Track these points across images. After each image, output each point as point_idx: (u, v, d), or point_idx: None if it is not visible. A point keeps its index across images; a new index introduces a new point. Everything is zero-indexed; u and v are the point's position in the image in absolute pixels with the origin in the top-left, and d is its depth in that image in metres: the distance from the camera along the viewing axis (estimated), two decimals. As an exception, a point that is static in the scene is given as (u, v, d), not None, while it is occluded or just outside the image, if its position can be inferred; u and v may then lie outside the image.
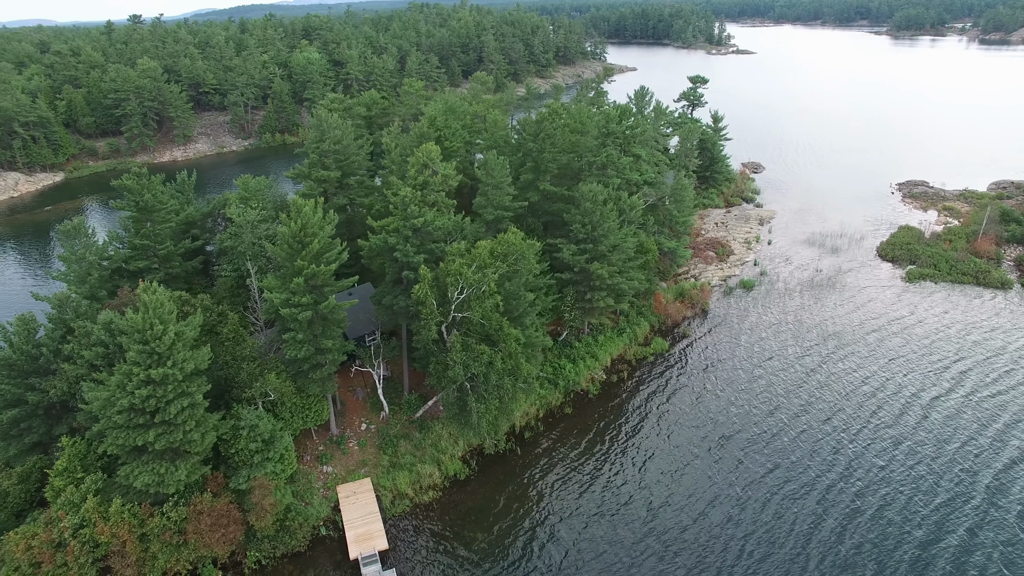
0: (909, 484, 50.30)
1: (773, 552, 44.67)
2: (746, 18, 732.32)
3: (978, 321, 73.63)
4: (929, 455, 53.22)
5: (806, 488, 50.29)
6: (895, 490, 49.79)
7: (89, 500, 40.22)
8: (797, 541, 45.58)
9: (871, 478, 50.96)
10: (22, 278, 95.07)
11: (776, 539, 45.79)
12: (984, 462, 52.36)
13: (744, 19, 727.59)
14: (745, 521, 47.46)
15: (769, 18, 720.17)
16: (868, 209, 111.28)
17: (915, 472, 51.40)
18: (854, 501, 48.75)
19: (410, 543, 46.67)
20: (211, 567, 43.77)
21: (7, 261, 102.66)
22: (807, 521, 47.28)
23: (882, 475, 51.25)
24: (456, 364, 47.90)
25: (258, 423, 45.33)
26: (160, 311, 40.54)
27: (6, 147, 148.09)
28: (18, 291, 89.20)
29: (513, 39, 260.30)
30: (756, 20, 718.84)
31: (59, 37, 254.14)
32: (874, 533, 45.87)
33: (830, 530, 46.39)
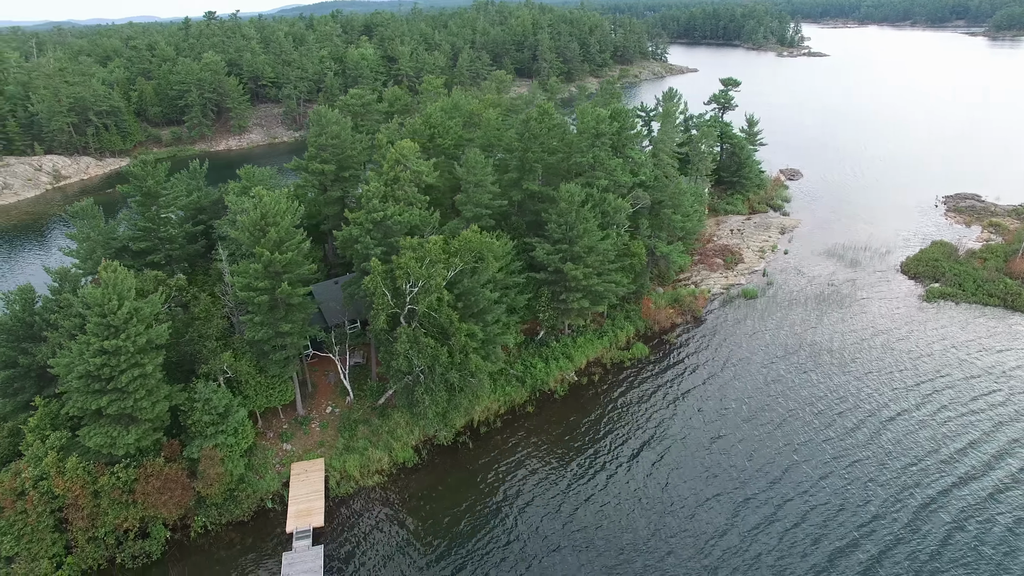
0: (838, 498, 48.78)
1: (692, 555, 43.95)
2: (828, 19, 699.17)
3: (988, 344, 68.92)
4: (872, 472, 51.33)
5: (734, 496, 49.50)
6: (823, 504, 48.38)
7: (49, 455, 44.27)
8: (709, 546, 44.88)
9: (804, 488, 49.80)
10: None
11: (696, 543, 45.23)
12: (924, 481, 50.18)
13: (826, 20, 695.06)
14: (668, 525, 47.12)
15: (854, 19, 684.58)
16: (904, 222, 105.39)
17: (851, 487, 49.65)
18: (777, 511, 47.43)
19: (346, 523, 48.67)
20: (161, 527, 47.15)
21: (61, 236, 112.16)
22: (722, 527, 46.74)
23: (816, 488, 49.82)
24: (400, 355, 49.50)
25: (212, 397, 48.38)
26: (119, 288, 44.09)
27: (81, 133, 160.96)
28: (57, 263, 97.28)
29: (569, 38, 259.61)
30: (839, 21, 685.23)
31: (145, 32, 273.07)
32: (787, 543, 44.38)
33: (741, 536, 45.89)
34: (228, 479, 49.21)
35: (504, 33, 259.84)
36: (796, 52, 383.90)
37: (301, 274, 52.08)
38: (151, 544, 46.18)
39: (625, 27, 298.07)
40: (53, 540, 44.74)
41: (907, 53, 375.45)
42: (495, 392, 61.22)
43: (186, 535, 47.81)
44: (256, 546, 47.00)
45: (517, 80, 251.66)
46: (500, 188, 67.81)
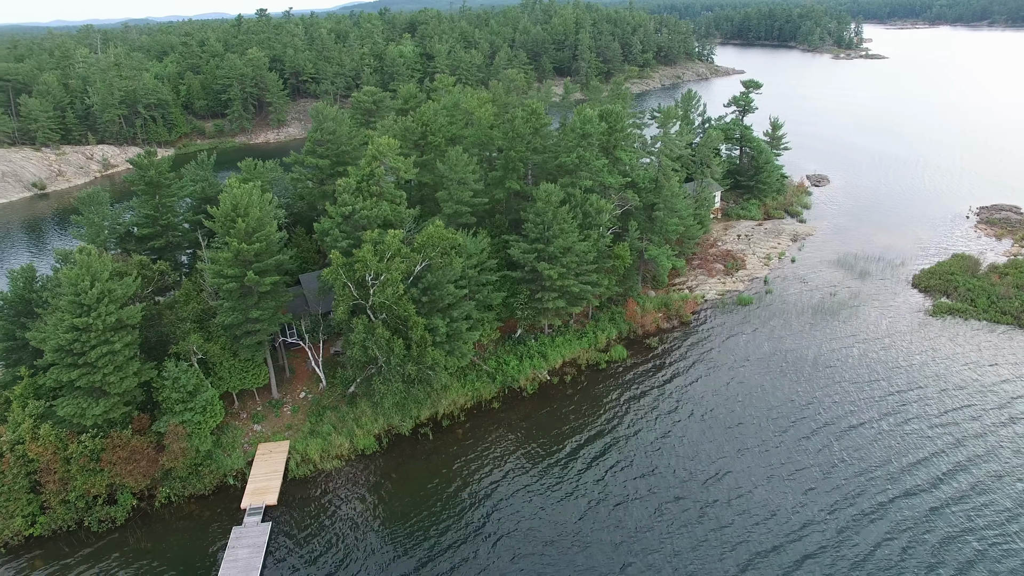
0: (771, 504, 48.24)
1: (609, 549, 43.97)
2: (896, 19, 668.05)
3: (973, 359, 65.95)
4: (814, 480, 50.50)
5: (664, 495, 49.81)
6: (754, 508, 48.01)
7: (26, 422, 47.85)
8: (628, 541, 45.33)
9: (739, 492, 49.56)
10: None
11: (614, 537, 45.76)
12: (867, 492, 49.20)
13: (893, 21, 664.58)
14: (594, 518, 47.79)
15: (924, 19, 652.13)
16: (928, 232, 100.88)
17: (788, 494, 48.90)
18: (705, 513, 47.07)
19: (298, 503, 50.65)
20: (128, 495, 50.22)
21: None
22: (645, 524, 47.16)
23: (752, 493, 49.37)
24: (356, 345, 51.15)
25: (180, 376, 51.16)
26: (93, 269, 47.25)
27: (130, 125, 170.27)
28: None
29: (610, 37, 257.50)
30: (908, 21, 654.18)
31: (202, 28, 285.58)
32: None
33: (661, 534, 46.31)
34: (194, 454, 52.01)
35: (545, 32, 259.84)
36: (853, 54, 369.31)
37: (277, 263, 54.40)
38: (117, 511, 49.27)
39: (670, 27, 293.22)
40: (28, 500, 48.34)
41: (976, 56, 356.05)
42: (464, 387, 62.32)
43: (151, 504, 50.76)
44: (213, 519, 49.52)
45: (556, 79, 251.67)
46: (484, 186, 68.77)
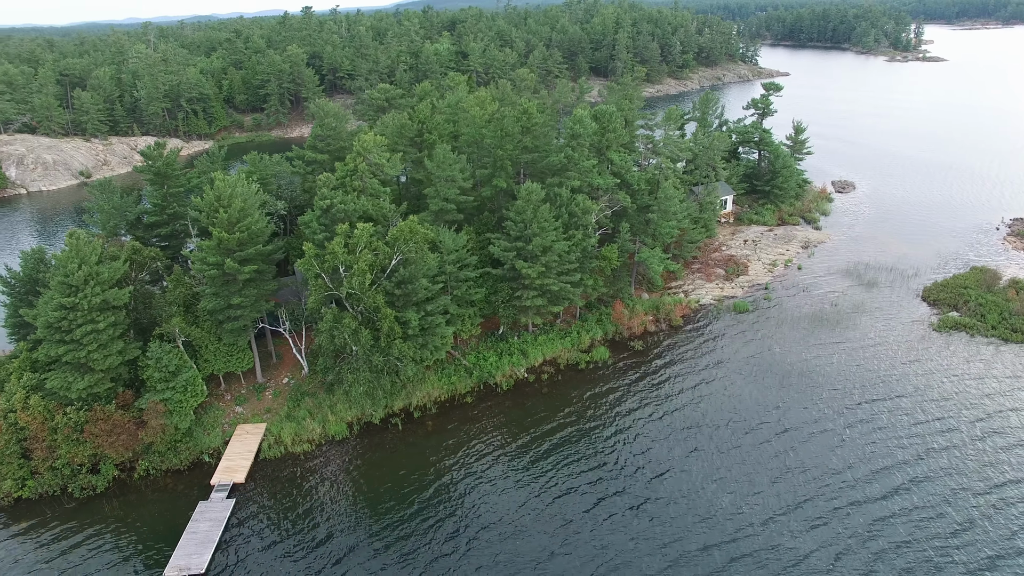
0: (712, 505, 48.47)
1: (547, 537, 44.50)
2: (965, 19, 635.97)
3: (961, 371, 64.06)
4: (761, 485, 50.42)
5: (606, 488, 50.65)
6: (693, 508, 48.52)
7: (19, 393, 51.55)
8: (561, 531, 45.87)
9: (683, 492, 50.00)
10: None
11: (548, 527, 46.84)
12: (815, 498, 48.87)
13: (962, 21, 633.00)
14: (532, 508, 48.66)
15: (998, 18, 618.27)
16: (951, 243, 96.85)
17: (729, 496, 48.09)
18: (641, 508, 46.81)
19: (264, 483, 52.90)
20: (111, 466, 53.48)
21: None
22: (579, 516, 47.98)
23: (694, 492, 49.75)
24: (323, 333, 53.05)
25: (163, 356, 54.09)
26: (81, 253, 50.52)
27: (173, 117, 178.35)
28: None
29: (649, 37, 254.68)
30: (979, 21, 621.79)
31: (253, 25, 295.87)
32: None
33: (593, 527, 47.16)
34: (173, 431, 54.95)
35: (583, 31, 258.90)
36: (909, 57, 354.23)
37: (259, 252, 56.79)
38: (98, 479, 52.55)
39: (713, 27, 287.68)
40: (20, 465, 52.06)
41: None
42: (441, 380, 63.64)
43: (131, 476, 53.88)
44: (184, 493, 52.20)
45: (592, 79, 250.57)
46: (473, 185, 69.88)
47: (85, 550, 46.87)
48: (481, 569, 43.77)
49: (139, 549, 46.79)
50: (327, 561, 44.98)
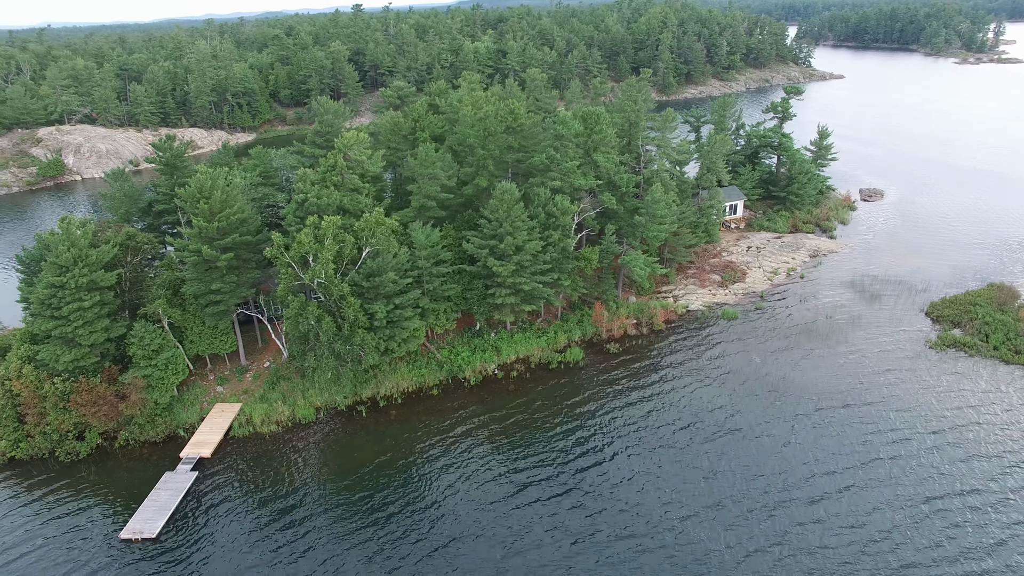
0: (640, 498, 48.20)
1: (470, 524, 46.21)
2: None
3: (928, 383, 62.37)
4: (693, 482, 51.15)
5: (534, 481, 51.97)
6: (617, 503, 49.56)
7: (14, 362, 56.35)
8: (487, 517, 47.32)
9: (610, 486, 51.12)
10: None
11: (472, 514, 48.82)
12: (744, 497, 49.36)
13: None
14: (462, 500, 50.41)
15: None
16: (973, 258, 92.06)
17: (655, 492, 47.61)
18: (565, 498, 46.97)
19: (228, 459, 56.03)
20: (95, 434, 57.79)
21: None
22: (502, 506, 49.68)
23: (622, 488, 50.78)
24: (289, 320, 55.68)
25: (145, 335, 57.97)
26: (72, 237, 54.78)
27: (218, 111, 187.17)
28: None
29: (694, 37, 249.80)
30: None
31: (310, 21, 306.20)
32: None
33: (511, 511, 48.30)
34: (153, 406, 58.86)
35: (628, 31, 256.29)
36: (983, 58, 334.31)
37: (238, 241, 59.94)
38: (82, 446, 56.89)
39: (764, 28, 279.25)
40: (15, 428, 56.94)
41: None
42: (411, 371, 65.56)
43: (112, 444, 58.05)
44: (156, 464, 55.89)
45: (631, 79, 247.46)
46: (457, 182, 71.41)
47: (59, 509, 51.00)
48: (419, 544, 45.54)
49: (105, 512, 50.55)
50: (274, 534, 47.54)
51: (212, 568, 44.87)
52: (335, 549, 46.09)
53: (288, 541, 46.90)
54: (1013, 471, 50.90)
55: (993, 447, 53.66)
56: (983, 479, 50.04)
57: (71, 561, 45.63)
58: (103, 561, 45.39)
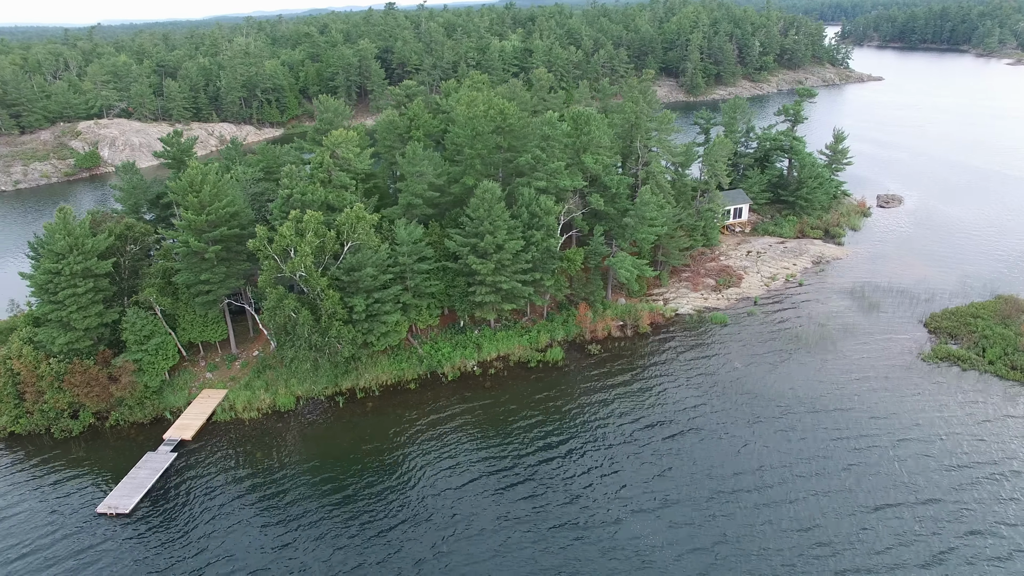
0: (582, 489, 48.85)
1: (407, 512, 46.97)
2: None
3: (904, 393, 60.30)
4: (646, 476, 51.86)
5: (485, 473, 53.20)
6: (556, 493, 51.07)
7: (16, 342, 59.92)
8: (422, 508, 47.29)
9: (555, 478, 52.52)
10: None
11: (405, 502, 49.55)
12: (673, 498, 50.09)
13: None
14: (403, 483, 52.44)
15: None
16: (985, 268, 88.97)
17: (603, 487, 49.16)
18: (507, 492, 47.69)
19: (208, 442, 58.45)
20: (88, 413, 60.98)
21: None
22: (447, 498, 51.17)
23: (567, 479, 52.05)
24: (268, 310, 57.78)
25: (136, 321, 60.92)
26: (68, 226, 57.97)
27: (248, 106, 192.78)
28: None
29: (725, 38, 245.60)
30: None
31: (345, 19, 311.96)
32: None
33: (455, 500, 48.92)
34: (143, 389, 61.81)
35: (658, 31, 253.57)
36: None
37: (226, 234, 62.36)
38: (76, 424, 60.11)
39: (799, 28, 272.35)
40: (15, 404, 60.54)
41: None
42: (392, 365, 67.12)
43: (103, 424, 61.18)
44: (141, 444, 58.67)
45: (661, 80, 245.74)
46: (447, 181, 72.67)
47: (46, 483, 54.18)
48: (368, 525, 47.03)
49: (88, 487, 53.44)
50: (239, 512, 49.77)
51: (176, 544, 47.15)
52: (291, 527, 48.15)
53: (250, 518, 49.10)
54: (976, 483, 50.05)
55: (960, 458, 52.72)
56: (943, 489, 49.34)
57: (46, 528, 48.74)
58: (75, 532, 48.18)
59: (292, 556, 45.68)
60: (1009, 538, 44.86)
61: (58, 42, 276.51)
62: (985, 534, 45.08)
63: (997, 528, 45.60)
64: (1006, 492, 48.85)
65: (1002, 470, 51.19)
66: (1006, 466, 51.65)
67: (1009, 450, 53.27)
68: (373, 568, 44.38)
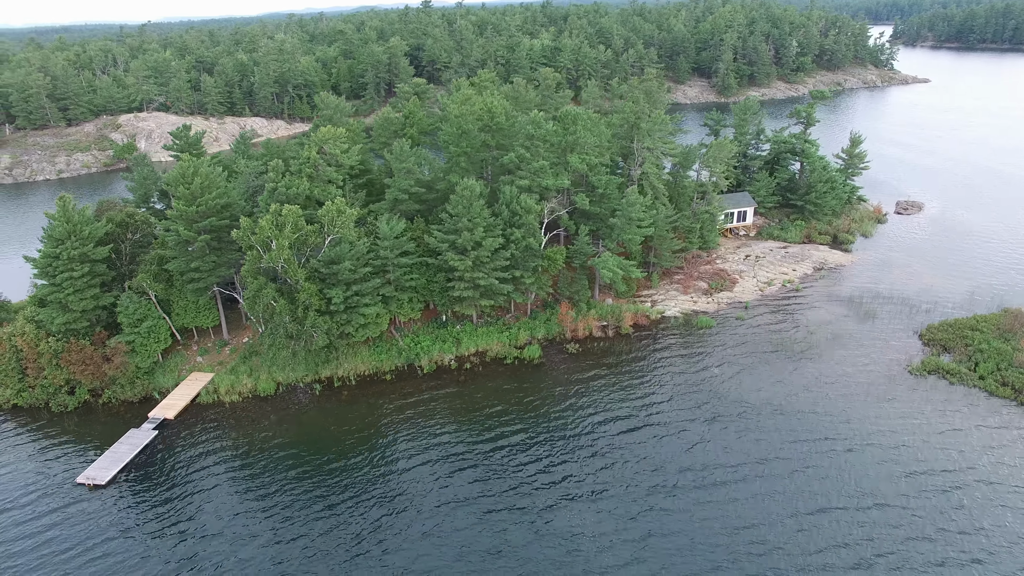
0: (504, 481, 49.84)
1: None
2: None
3: (853, 398, 57.88)
4: (586, 470, 50.77)
5: (443, 471, 54.00)
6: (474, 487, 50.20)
7: (20, 321, 64.10)
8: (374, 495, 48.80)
9: (496, 471, 53.53)
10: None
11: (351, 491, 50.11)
12: (609, 490, 50.84)
13: None
14: (356, 483, 53.25)
15: None
16: (998, 280, 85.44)
17: (531, 481, 48.31)
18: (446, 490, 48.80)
19: (188, 422, 61.41)
20: (84, 390, 64.75)
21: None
22: (392, 488, 52.08)
23: (496, 474, 53.15)
24: (248, 299, 60.30)
25: (129, 305, 64.39)
26: (68, 213, 61.72)
27: (280, 101, 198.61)
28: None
29: (761, 37, 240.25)
30: None
31: (384, 18, 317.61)
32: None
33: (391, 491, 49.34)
34: (134, 369, 65.28)
35: (692, 31, 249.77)
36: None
37: (218, 225, 65.22)
38: (71, 400, 63.92)
39: (841, 28, 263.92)
40: (19, 378, 64.75)
41: None
42: (371, 356, 69.02)
43: (97, 401, 64.88)
44: (128, 421, 61.94)
45: (692, 80, 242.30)
46: (432, 177, 74.15)
47: (37, 452, 57.96)
48: (313, 503, 48.92)
49: (72, 459, 56.91)
50: (210, 491, 52.20)
51: (145, 515, 49.98)
52: (251, 506, 50.38)
53: (220, 493, 51.80)
54: (928, 491, 49.27)
55: (918, 466, 51.86)
56: (891, 496, 48.79)
57: (25, 490, 52.75)
58: (51, 497, 51.64)
59: (244, 524, 48.52)
60: (946, 546, 44.23)
61: (113, 39, 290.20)
62: (922, 540, 44.51)
63: (937, 536, 44.97)
64: (955, 501, 47.97)
65: (959, 480, 50.09)
66: (964, 476, 50.49)
67: (970, 460, 51.92)
68: (317, 539, 46.79)
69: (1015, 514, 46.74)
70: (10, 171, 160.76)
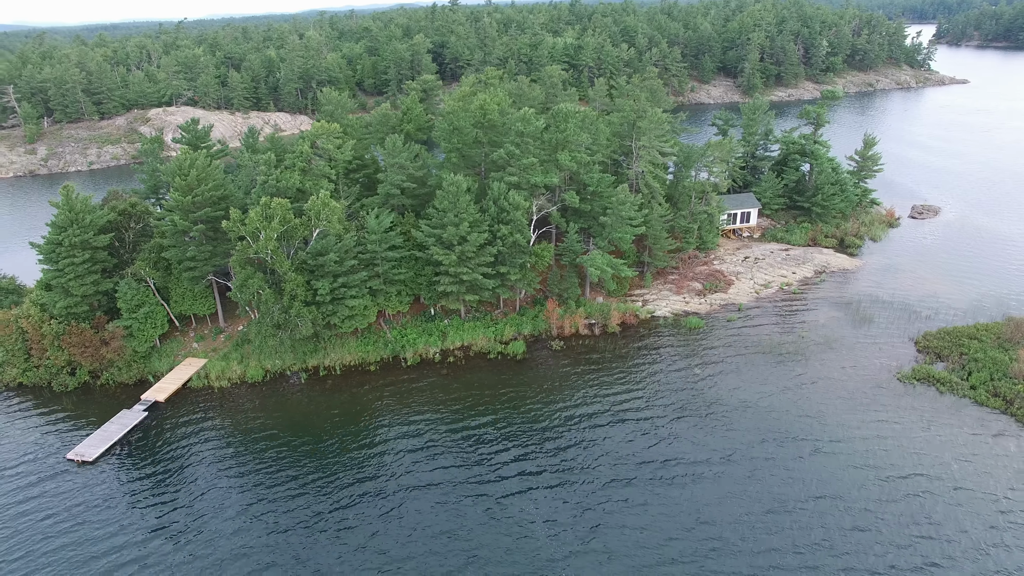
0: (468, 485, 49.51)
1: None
2: None
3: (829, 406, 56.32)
4: (552, 468, 49.85)
5: (422, 457, 55.55)
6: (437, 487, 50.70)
7: (27, 304, 67.36)
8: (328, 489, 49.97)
9: (467, 468, 54.32)
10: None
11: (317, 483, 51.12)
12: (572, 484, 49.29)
13: None
14: (343, 475, 54.12)
15: None
16: (1006, 288, 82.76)
17: (493, 484, 48.76)
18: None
19: (178, 405, 63.77)
20: (84, 372, 67.74)
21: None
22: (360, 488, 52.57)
23: (458, 474, 53.77)
24: (236, 288, 62.30)
25: (127, 291, 67.07)
26: (71, 202, 64.62)
27: (304, 97, 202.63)
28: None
29: (789, 36, 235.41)
30: None
31: (410, 16, 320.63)
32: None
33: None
34: (131, 353, 68.00)
35: (720, 30, 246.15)
36: None
37: (212, 216, 67.46)
38: (72, 381, 66.94)
39: (875, 27, 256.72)
40: (24, 358, 68.07)
41: None
42: (359, 347, 70.53)
43: (95, 382, 67.80)
44: (122, 402, 64.61)
45: (717, 79, 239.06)
46: (423, 173, 75.28)
47: (34, 427, 60.97)
48: (288, 482, 50.54)
49: (65, 436, 59.69)
50: (191, 469, 54.50)
51: (124, 488, 52.39)
52: (225, 483, 52.57)
53: (201, 472, 54.06)
54: (894, 494, 48.78)
55: (887, 470, 51.39)
56: (857, 497, 48.45)
57: (16, 461, 55.93)
58: (41, 471, 54.35)
59: (217, 500, 50.87)
60: (903, 549, 43.77)
61: (150, 36, 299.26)
62: (882, 544, 44.13)
63: (897, 539, 44.66)
64: (921, 507, 47.41)
65: (928, 487, 49.31)
66: (934, 483, 49.63)
67: (944, 467, 50.92)
68: (283, 515, 48.91)
69: (980, 521, 45.79)
70: (45, 162, 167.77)
